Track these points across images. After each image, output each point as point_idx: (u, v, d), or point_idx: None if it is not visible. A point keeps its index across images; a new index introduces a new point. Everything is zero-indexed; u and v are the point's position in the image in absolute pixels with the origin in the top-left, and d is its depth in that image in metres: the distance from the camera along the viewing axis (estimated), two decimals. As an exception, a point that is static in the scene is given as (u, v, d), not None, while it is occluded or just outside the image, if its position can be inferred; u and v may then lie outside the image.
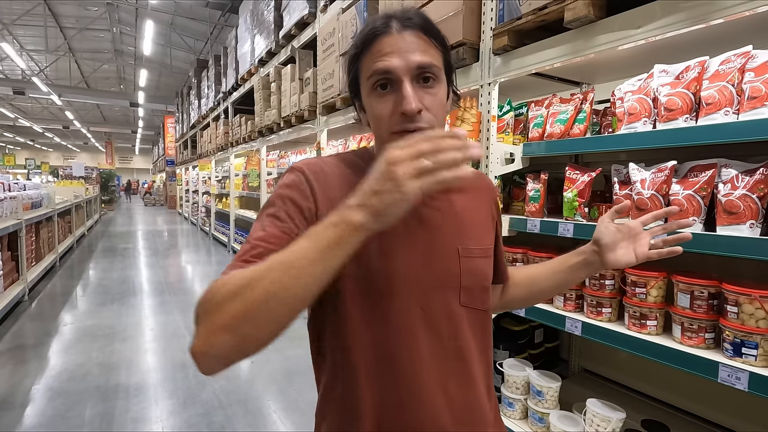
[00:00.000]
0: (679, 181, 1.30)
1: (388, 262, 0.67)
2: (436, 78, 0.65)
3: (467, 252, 0.74)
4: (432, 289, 0.70)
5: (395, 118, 0.64)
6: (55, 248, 6.03)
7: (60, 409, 2.30)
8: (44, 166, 24.58)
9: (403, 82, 0.63)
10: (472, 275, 0.74)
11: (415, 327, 0.68)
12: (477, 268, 0.75)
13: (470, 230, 0.77)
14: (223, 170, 8.57)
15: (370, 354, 0.66)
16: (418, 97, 0.63)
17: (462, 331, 0.72)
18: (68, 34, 13.15)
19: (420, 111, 0.63)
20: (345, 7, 3.08)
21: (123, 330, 3.49)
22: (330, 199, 0.65)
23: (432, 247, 0.72)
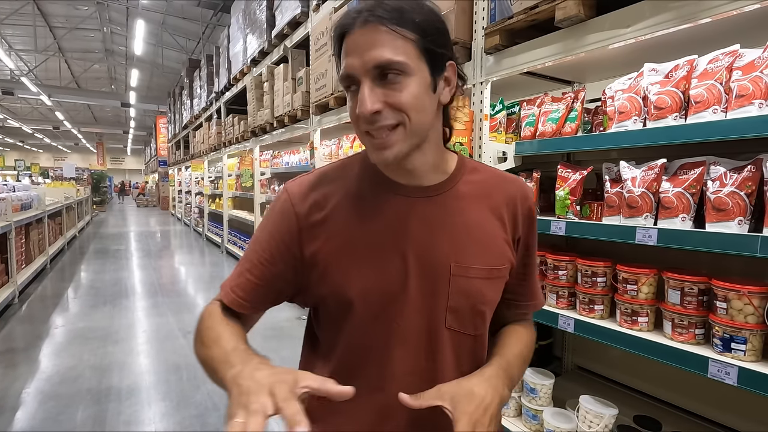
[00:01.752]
0: (669, 179, 1.31)
1: (361, 272, 0.66)
2: (403, 72, 0.60)
3: (462, 270, 0.67)
4: (410, 304, 0.67)
5: (361, 119, 0.62)
6: (46, 250, 5.96)
7: (51, 412, 2.28)
8: (34, 167, 24.30)
9: (362, 84, 0.61)
10: (464, 296, 0.68)
11: (390, 342, 0.67)
12: (472, 289, 0.68)
13: (472, 245, 0.69)
14: (216, 171, 8.52)
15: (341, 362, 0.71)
16: (379, 97, 0.60)
17: (442, 354, 0.68)
18: (58, 34, 13.00)
19: (378, 111, 0.60)
20: (337, 6, 3.07)
21: (115, 332, 3.46)
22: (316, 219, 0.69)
23: (417, 261, 0.67)
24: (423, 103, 0.62)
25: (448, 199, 0.70)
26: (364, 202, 0.70)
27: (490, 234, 0.71)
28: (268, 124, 4.64)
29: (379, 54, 0.59)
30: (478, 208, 0.71)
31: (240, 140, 5.94)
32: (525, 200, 0.75)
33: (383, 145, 0.62)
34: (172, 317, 3.84)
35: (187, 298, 4.52)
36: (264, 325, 3.66)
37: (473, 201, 0.71)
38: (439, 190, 0.70)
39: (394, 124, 0.61)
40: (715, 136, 1.16)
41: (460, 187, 0.72)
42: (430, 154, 0.69)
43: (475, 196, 0.72)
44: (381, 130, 0.61)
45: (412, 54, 0.61)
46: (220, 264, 6.42)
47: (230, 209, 7.22)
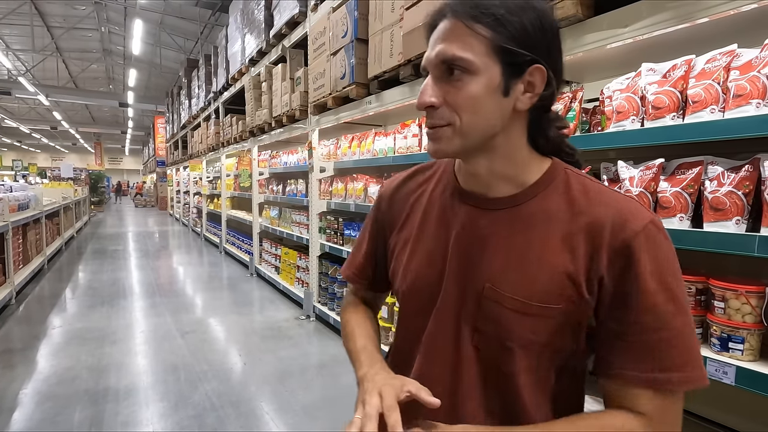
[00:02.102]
0: (666, 179, 1.31)
1: (410, 268, 0.72)
2: (467, 71, 0.57)
3: (495, 295, 0.61)
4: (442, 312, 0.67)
5: None
6: (43, 250, 5.94)
7: (49, 413, 2.27)
8: (32, 167, 24.20)
9: (428, 76, 0.61)
10: (492, 324, 0.62)
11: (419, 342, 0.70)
12: (501, 320, 0.61)
13: (515, 272, 0.61)
14: (214, 171, 8.51)
15: (395, 346, 0.79)
16: (439, 92, 0.59)
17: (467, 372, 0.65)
18: (55, 34, 12.96)
19: (432, 106, 0.59)
20: (335, 6, 3.07)
21: (113, 333, 3.45)
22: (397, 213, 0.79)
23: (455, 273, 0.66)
24: (480, 105, 0.58)
25: (511, 215, 0.63)
26: (432, 204, 0.73)
27: (545, 263, 0.59)
28: (266, 124, 4.63)
29: (446, 49, 0.58)
30: (545, 230, 0.61)
31: (238, 140, 5.93)
32: (620, 230, 0.57)
33: (433, 138, 0.62)
34: (170, 317, 3.84)
35: (185, 299, 4.51)
36: (262, 326, 3.65)
37: (542, 222, 0.61)
38: (503, 205, 0.64)
39: (443, 124, 0.60)
40: (713, 136, 1.16)
41: (533, 204, 0.63)
42: (499, 163, 0.63)
43: (548, 218, 0.61)
44: (432, 124, 0.61)
45: (481, 52, 0.57)
46: (218, 264, 6.41)
47: (228, 209, 7.21)
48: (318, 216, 3.76)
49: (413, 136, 2.64)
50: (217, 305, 4.29)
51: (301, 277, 4.22)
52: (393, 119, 3.48)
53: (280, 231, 4.74)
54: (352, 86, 2.81)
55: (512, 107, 0.60)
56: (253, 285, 5.12)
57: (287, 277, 4.60)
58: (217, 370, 2.79)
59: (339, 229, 3.44)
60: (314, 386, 2.60)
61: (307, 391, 2.53)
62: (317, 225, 3.77)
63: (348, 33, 2.84)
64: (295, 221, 4.37)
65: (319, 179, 3.74)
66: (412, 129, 2.67)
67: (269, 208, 5.31)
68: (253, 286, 5.09)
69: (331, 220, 3.57)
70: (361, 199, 3.18)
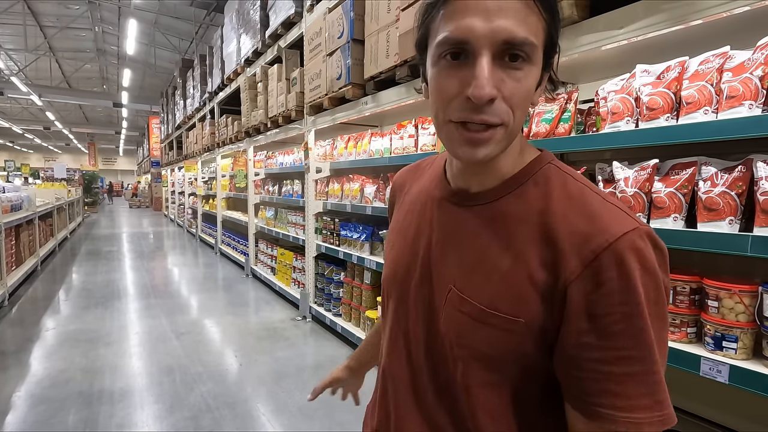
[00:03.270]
0: (661, 179, 1.32)
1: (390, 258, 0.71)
2: (528, 59, 0.47)
3: (456, 299, 0.56)
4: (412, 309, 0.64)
5: (458, 102, 0.49)
6: (37, 252, 5.89)
7: (42, 415, 2.25)
8: (24, 167, 23.95)
9: (480, 56, 0.47)
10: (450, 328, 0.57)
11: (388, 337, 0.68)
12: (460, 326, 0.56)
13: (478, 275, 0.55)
14: (209, 171, 8.47)
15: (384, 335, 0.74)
16: (496, 81, 0.47)
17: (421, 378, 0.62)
18: (48, 33, 12.86)
19: (493, 99, 0.47)
20: (332, 6, 3.07)
21: (107, 334, 3.42)
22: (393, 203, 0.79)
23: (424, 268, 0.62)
24: (529, 101, 0.51)
25: (485, 212, 0.57)
26: (419, 197, 0.69)
27: (508, 269, 0.53)
28: (262, 124, 4.62)
29: (515, 27, 0.46)
30: (513, 231, 0.54)
31: (234, 141, 5.91)
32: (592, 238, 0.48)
33: (477, 141, 0.50)
34: (165, 319, 3.81)
35: (180, 300, 4.49)
36: (258, 327, 3.64)
37: (512, 221, 0.54)
38: (480, 200, 0.58)
39: (497, 123, 0.49)
40: (706, 137, 1.17)
41: (507, 200, 0.56)
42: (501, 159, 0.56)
43: (518, 217, 0.54)
44: (481, 122, 0.49)
45: (540, 39, 0.49)
46: (213, 265, 6.38)
47: (224, 210, 7.19)
48: (314, 217, 3.76)
49: (409, 137, 2.64)
50: (213, 306, 4.27)
51: (297, 278, 4.21)
52: (389, 120, 3.49)
53: (276, 232, 4.73)
54: (349, 87, 2.81)
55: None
56: (248, 286, 5.10)
57: (283, 277, 4.59)
58: (212, 371, 2.78)
59: (335, 229, 3.44)
60: (310, 387, 2.59)
61: (303, 391, 2.53)
62: (313, 226, 3.76)
63: (344, 33, 2.84)
64: (291, 222, 4.36)
65: (315, 180, 3.73)
66: (408, 130, 2.67)
67: (265, 208, 5.29)
68: (248, 287, 5.07)
69: (328, 221, 3.57)
70: (357, 200, 3.18)
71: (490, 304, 0.53)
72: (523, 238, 0.53)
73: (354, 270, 3.24)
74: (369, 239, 3.08)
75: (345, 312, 3.36)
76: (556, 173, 0.56)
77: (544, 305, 0.50)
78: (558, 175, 0.56)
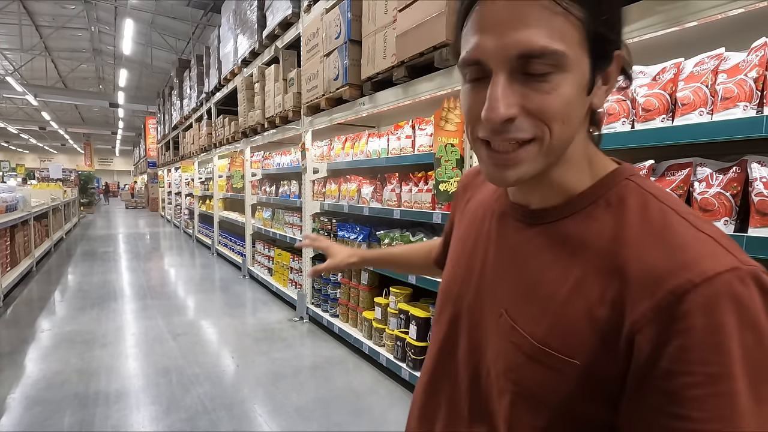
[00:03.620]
0: (656, 180, 1.33)
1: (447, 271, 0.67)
2: (558, 66, 0.42)
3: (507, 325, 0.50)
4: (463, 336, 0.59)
5: (480, 123, 0.46)
6: (32, 253, 5.85)
7: (38, 417, 2.23)
8: (20, 168, 23.83)
9: (494, 75, 0.44)
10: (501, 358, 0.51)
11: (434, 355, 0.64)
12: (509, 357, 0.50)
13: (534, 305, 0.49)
14: (206, 172, 8.45)
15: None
16: (516, 98, 0.43)
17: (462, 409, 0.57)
18: (44, 33, 12.80)
19: (512, 119, 0.43)
20: (329, 7, 3.07)
21: (103, 335, 3.41)
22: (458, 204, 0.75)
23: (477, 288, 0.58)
24: (573, 111, 0.45)
25: (546, 232, 0.51)
26: (481, 206, 0.64)
27: (565, 300, 0.46)
28: (259, 125, 4.61)
29: (529, 38, 0.41)
30: (576, 258, 0.47)
31: (231, 141, 5.90)
32: (673, 277, 0.39)
33: (505, 162, 0.46)
34: (161, 320, 3.80)
35: (176, 301, 4.47)
36: (255, 328, 3.63)
37: (576, 247, 0.48)
38: (542, 219, 0.52)
39: (527, 138, 0.45)
40: (702, 138, 1.18)
41: (572, 221, 0.49)
42: (557, 172, 0.50)
43: (583, 242, 0.47)
44: (507, 143, 0.45)
45: (574, 40, 0.43)
46: (210, 266, 6.36)
47: (221, 211, 7.17)
48: (311, 217, 3.75)
49: (406, 138, 2.64)
50: (209, 307, 4.25)
51: (294, 279, 4.21)
52: (386, 120, 3.49)
53: (273, 232, 4.72)
54: (346, 87, 2.81)
55: (587, 107, 0.48)
56: (245, 287, 5.09)
57: (280, 278, 4.58)
58: (209, 372, 2.77)
59: (332, 230, 3.44)
60: (307, 388, 2.59)
61: (301, 392, 2.52)
62: (310, 226, 3.76)
63: (341, 34, 2.84)
64: (288, 222, 4.36)
65: (312, 180, 3.73)
66: (405, 130, 2.67)
67: (262, 209, 5.28)
68: (245, 287, 5.06)
69: (325, 222, 3.56)
70: (354, 201, 3.18)
71: (543, 339, 0.46)
72: (586, 267, 0.46)
73: (351, 271, 3.24)
74: (366, 240, 3.08)
75: (342, 313, 3.36)
76: (634, 191, 0.48)
77: (604, 349, 0.42)
78: (637, 194, 0.47)
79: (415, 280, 2.43)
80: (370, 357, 2.91)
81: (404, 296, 2.70)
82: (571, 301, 0.45)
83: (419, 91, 2.28)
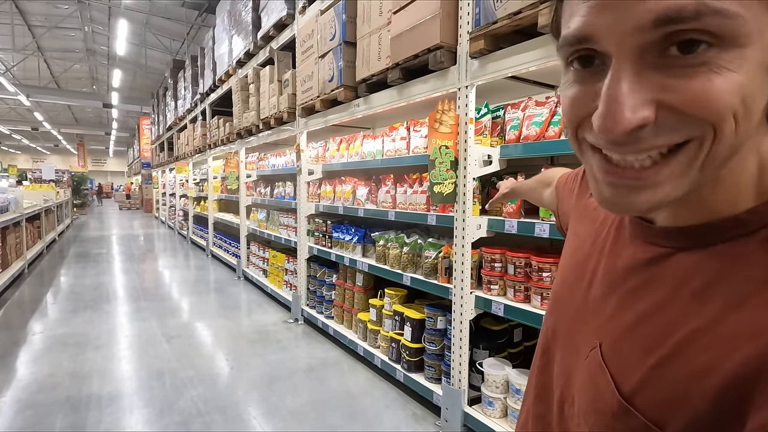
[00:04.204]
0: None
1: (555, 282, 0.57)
2: (723, 39, 0.28)
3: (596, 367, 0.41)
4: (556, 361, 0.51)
5: (590, 125, 0.33)
6: (24, 254, 5.80)
7: (29, 421, 2.21)
8: (12, 169, 23.63)
9: (614, 61, 0.31)
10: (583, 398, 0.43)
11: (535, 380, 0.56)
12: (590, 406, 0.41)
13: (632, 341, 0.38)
14: (201, 173, 8.41)
15: None
16: (650, 93, 0.30)
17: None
18: (37, 33, 12.70)
19: (642, 126, 0.30)
20: (324, 8, 3.07)
21: (96, 338, 3.38)
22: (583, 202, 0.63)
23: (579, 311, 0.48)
24: (753, 104, 0.30)
25: (670, 261, 0.38)
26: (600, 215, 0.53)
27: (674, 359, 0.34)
28: (253, 126, 4.60)
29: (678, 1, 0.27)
30: (705, 310, 0.34)
31: (225, 142, 5.88)
32: None
33: (633, 184, 0.33)
34: (155, 322, 3.78)
35: (170, 303, 4.45)
36: (250, 329, 3.62)
37: (706, 293, 0.34)
38: (669, 241, 0.39)
39: (674, 144, 0.31)
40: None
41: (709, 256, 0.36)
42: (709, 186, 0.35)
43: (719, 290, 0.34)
44: (640, 153, 0.32)
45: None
46: (205, 267, 6.33)
47: (216, 212, 7.14)
48: (306, 219, 3.75)
49: (401, 139, 2.65)
50: (204, 309, 4.23)
51: (289, 280, 4.20)
52: (381, 122, 3.49)
53: (268, 234, 4.71)
54: (341, 89, 2.82)
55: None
56: (240, 288, 5.07)
57: (275, 280, 4.57)
58: (203, 375, 2.76)
59: (327, 231, 3.43)
60: (302, 390, 2.58)
61: (295, 395, 2.52)
62: (305, 228, 3.75)
63: (336, 36, 2.84)
64: (283, 224, 4.35)
65: (307, 182, 3.72)
66: (400, 132, 2.68)
67: (257, 210, 5.27)
68: (240, 289, 5.04)
69: (320, 223, 3.56)
70: (349, 202, 3.18)
71: (630, 393, 0.36)
72: (711, 320, 0.33)
73: (346, 272, 3.24)
74: (361, 241, 3.08)
75: (337, 314, 3.36)
76: None
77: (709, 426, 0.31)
78: None
79: (410, 282, 2.44)
80: (365, 359, 2.91)
81: (399, 298, 2.70)
82: (676, 356, 0.34)
83: (414, 93, 2.29)
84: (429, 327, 2.35)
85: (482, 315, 2.10)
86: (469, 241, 1.98)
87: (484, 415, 1.97)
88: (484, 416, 1.96)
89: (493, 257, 1.96)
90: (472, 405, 2.06)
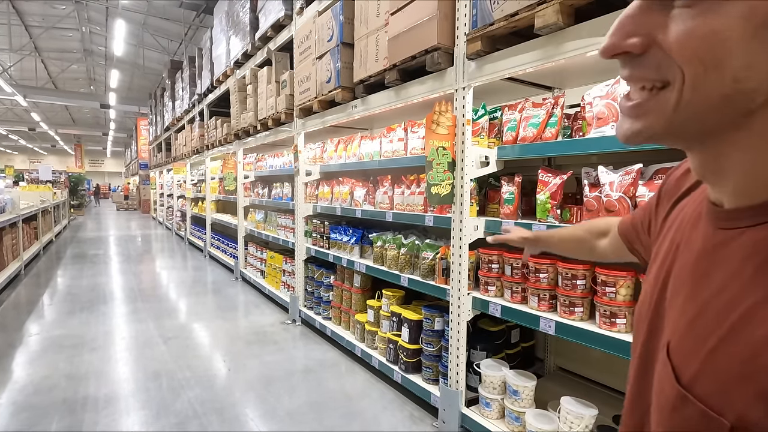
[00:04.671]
0: (645, 183, 1.34)
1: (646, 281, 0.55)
2: None
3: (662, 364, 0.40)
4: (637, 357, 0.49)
5: None
6: (20, 255, 5.77)
7: (25, 423, 2.20)
8: (8, 169, 23.52)
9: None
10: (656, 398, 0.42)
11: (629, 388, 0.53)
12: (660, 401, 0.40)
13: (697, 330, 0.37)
14: (198, 173, 8.39)
15: None
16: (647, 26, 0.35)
17: None
18: (34, 33, 12.67)
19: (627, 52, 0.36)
20: (321, 9, 3.07)
21: (92, 339, 3.37)
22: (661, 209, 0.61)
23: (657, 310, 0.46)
24: (721, 51, 0.31)
25: (736, 241, 0.37)
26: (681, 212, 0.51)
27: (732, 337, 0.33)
28: (251, 126, 4.59)
29: None
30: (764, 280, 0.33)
31: (223, 143, 5.87)
32: None
33: (629, 112, 0.39)
34: (152, 323, 3.76)
35: (168, 304, 4.43)
36: (247, 330, 3.61)
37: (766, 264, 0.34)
38: (737, 221, 0.38)
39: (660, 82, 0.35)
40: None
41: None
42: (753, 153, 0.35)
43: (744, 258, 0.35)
44: (634, 81, 0.38)
45: None
46: (202, 268, 6.32)
47: (213, 213, 7.13)
48: (304, 219, 3.74)
49: (399, 140, 2.65)
50: (201, 310, 4.22)
51: (286, 281, 4.19)
52: (379, 123, 3.49)
53: (265, 235, 4.70)
54: (338, 90, 2.82)
55: None
56: (238, 289, 5.06)
57: (273, 281, 4.56)
58: (200, 376, 2.75)
59: (325, 232, 3.43)
60: (300, 391, 2.58)
61: (293, 396, 2.51)
62: (303, 228, 3.75)
63: (334, 37, 2.84)
64: (281, 225, 4.34)
65: (305, 183, 3.72)
66: (398, 133, 2.68)
67: (255, 211, 5.26)
68: (238, 290, 5.03)
69: (317, 224, 3.56)
70: (347, 203, 3.18)
71: (689, 381, 0.35)
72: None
73: (344, 273, 3.24)
74: (359, 242, 3.07)
75: (335, 315, 3.35)
76: None
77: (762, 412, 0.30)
78: None
79: (408, 283, 2.44)
80: (362, 360, 2.91)
81: (397, 299, 2.70)
82: (735, 334, 0.33)
83: (411, 94, 2.29)
84: (426, 328, 2.35)
85: (480, 316, 2.10)
86: (467, 242, 1.98)
87: (482, 416, 1.97)
88: (482, 417, 1.96)
89: (490, 258, 1.96)
90: (469, 406, 2.06)
